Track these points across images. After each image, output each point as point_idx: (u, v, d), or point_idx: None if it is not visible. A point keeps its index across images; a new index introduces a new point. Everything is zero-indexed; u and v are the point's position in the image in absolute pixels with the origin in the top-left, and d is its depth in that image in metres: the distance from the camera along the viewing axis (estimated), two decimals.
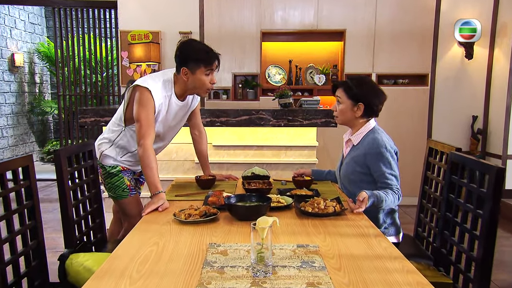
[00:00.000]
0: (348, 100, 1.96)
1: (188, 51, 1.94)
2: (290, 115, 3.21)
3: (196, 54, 1.91)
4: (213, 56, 1.93)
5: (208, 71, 1.93)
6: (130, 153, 2.13)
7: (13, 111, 6.47)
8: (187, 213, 1.60)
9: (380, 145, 1.87)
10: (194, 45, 1.98)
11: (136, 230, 1.52)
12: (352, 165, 1.95)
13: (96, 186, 2.12)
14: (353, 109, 1.96)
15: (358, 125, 2.00)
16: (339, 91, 2.00)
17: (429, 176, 2.15)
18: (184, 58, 1.93)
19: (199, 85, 1.97)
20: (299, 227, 1.55)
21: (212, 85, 1.99)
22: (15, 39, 6.44)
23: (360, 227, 1.55)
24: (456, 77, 4.40)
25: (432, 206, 2.07)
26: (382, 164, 1.86)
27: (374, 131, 1.97)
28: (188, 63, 1.92)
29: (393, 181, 1.85)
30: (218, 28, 4.47)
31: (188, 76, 1.95)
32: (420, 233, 2.18)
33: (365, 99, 1.94)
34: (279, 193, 1.99)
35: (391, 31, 4.39)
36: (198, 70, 1.92)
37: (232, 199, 1.73)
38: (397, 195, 1.81)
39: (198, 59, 1.91)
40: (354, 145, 2.01)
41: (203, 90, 2.00)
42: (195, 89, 2.00)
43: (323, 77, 4.63)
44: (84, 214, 1.98)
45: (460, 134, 4.45)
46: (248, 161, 3.41)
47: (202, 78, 1.94)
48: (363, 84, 1.97)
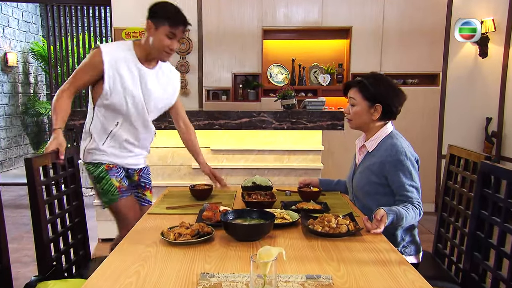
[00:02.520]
0: (364, 101, 1.74)
1: (159, 7, 1.85)
2: (293, 117, 3.02)
3: (166, 11, 1.82)
4: (181, 19, 1.82)
5: (171, 33, 1.81)
6: (110, 136, 1.93)
7: (6, 112, 6.26)
8: (177, 232, 1.38)
9: (399, 152, 1.65)
10: (168, 4, 1.88)
11: (116, 253, 1.30)
12: (367, 175, 1.72)
13: (78, 198, 1.89)
14: (369, 111, 1.74)
15: (373, 129, 1.78)
16: (353, 91, 1.78)
17: (451, 186, 1.92)
18: (152, 12, 1.84)
19: (157, 45, 1.84)
20: (308, 250, 1.32)
21: (169, 50, 1.85)
22: (8, 38, 6.23)
23: (379, 251, 1.32)
24: (469, 77, 4.16)
25: (455, 220, 1.84)
26: (402, 174, 1.63)
27: (392, 136, 1.74)
28: (155, 17, 1.82)
29: (413, 193, 1.62)
30: (217, 25, 4.25)
31: (151, 32, 1.84)
32: (440, 249, 1.94)
33: (384, 99, 1.71)
34: (283, 206, 1.76)
35: (400, 28, 4.16)
36: (161, 27, 1.81)
37: (230, 215, 1.50)
38: (418, 210, 1.58)
39: (165, 16, 1.80)
40: (369, 152, 1.78)
41: (161, 51, 1.86)
42: (153, 49, 1.86)
43: (328, 76, 4.41)
44: (63, 230, 1.75)
45: (473, 137, 4.22)
46: (249, 166, 3.22)
47: (162, 38, 1.82)
48: (381, 82, 1.74)
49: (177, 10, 1.84)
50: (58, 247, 1.70)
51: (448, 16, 4.11)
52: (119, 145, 1.95)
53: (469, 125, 4.22)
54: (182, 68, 4.29)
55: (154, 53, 1.87)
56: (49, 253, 1.59)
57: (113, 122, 1.92)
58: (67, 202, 1.82)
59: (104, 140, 1.93)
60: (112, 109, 1.89)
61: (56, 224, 1.69)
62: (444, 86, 4.20)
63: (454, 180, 1.90)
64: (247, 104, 4.28)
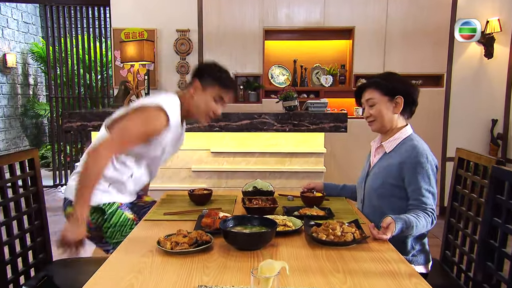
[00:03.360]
0: (383, 97, 1.69)
1: (211, 67, 1.74)
2: (295, 119, 2.95)
3: (218, 72, 1.71)
4: (233, 85, 1.74)
5: (219, 97, 1.70)
6: (120, 183, 1.75)
7: (5, 114, 6.20)
8: (173, 241, 1.31)
9: (420, 154, 1.59)
10: (220, 66, 1.76)
11: (108, 264, 1.23)
12: (383, 176, 1.65)
13: (41, 216, 1.80)
14: (391, 106, 1.69)
15: (393, 130, 1.72)
16: (369, 91, 1.72)
17: (459, 191, 1.84)
18: (202, 71, 1.72)
19: (203, 107, 1.71)
20: (311, 260, 1.25)
21: (214, 114, 1.74)
22: (7, 39, 6.18)
23: (387, 261, 1.25)
24: (474, 78, 4.09)
25: (464, 226, 1.77)
26: (420, 177, 1.57)
27: (412, 138, 1.68)
28: (204, 77, 1.70)
29: (429, 199, 1.55)
30: (218, 26, 4.19)
31: (197, 92, 1.70)
32: (448, 257, 1.87)
33: (402, 89, 1.68)
34: (285, 212, 1.69)
35: (404, 28, 4.10)
36: (210, 88, 1.69)
37: (229, 222, 1.43)
38: (430, 218, 1.51)
39: (217, 78, 1.69)
40: (386, 152, 1.71)
41: (205, 114, 1.73)
42: (197, 111, 1.73)
43: (330, 78, 4.34)
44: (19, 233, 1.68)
45: (478, 139, 4.14)
46: (250, 169, 3.15)
47: (210, 100, 1.70)
48: (393, 76, 1.73)
49: (229, 74, 1.74)
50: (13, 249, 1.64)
51: (452, 15, 4.04)
52: (127, 188, 1.80)
53: (474, 127, 4.15)
54: (182, 69, 4.23)
55: (197, 115, 1.75)
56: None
57: (127, 173, 1.73)
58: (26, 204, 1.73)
59: (109, 184, 1.74)
60: (135, 160, 1.72)
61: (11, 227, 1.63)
62: (449, 87, 4.12)
63: (463, 185, 1.83)
64: (248, 106, 4.22)
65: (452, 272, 1.80)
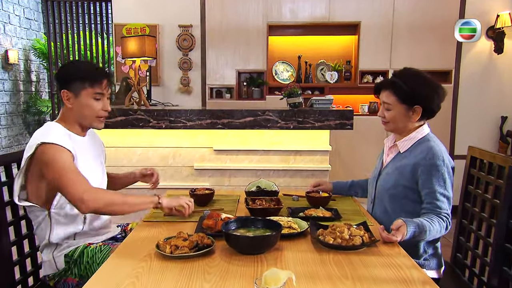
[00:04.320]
0: (400, 105, 1.56)
1: (70, 69, 1.57)
2: (300, 116, 2.88)
3: (80, 72, 1.52)
4: (102, 73, 1.54)
5: (97, 94, 1.52)
6: (80, 232, 1.56)
7: (7, 110, 6.16)
8: (173, 245, 1.25)
9: (436, 156, 1.50)
10: (78, 63, 1.63)
11: (104, 269, 1.17)
12: (396, 177, 1.57)
13: None
14: (407, 114, 1.57)
15: (409, 130, 1.62)
16: (386, 94, 1.59)
17: (472, 191, 1.77)
18: (64, 77, 1.53)
19: (88, 112, 1.52)
20: (318, 265, 1.18)
21: (105, 112, 1.56)
22: (9, 35, 6.12)
23: (399, 267, 1.18)
24: (483, 74, 3.99)
25: (477, 229, 1.70)
26: (435, 180, 1.48)
27: (428, 138, 1.59)
28: (70, 83, 1.51)
29: (443, 203, 1.47)
30: (221, 21, 4.11)
31: (71, 101, 1.52)
32: (460, 259, 1.80)
33: (423, 99, 1.54)
34: (290, 213, 1.63)
35: (411, 22, 3.99)
36: (83, 92, 1.51)
37: (232, 224, 1.36)
38: (445, 223, 1.43)
39: (82, 77, 1.50)
40: (400, 152, 1.62)
41: (94, 118, 1.55)
42: (85, 119, 1.55)
43: (336, 74, 4.26)
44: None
45: (487, 136, 4.05)
46: (253, 167, 3.08)
47: (89, 103, 1.52)
48: (417, 80, 1.55)
49: (92, 64, 1.56)
50: None
51: (461, 9, 3.93)
52: (94, 228, 1.62)
53: (483, 124, 4.05)
54: (185, 65, 4.16)
55: (87, 122, 1.56)
56: None
57: (80, 219, 1.55)
58: None
59: (74, 238, 1.57)
60: None
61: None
62: (457, 84, 4.02)
63: (475, 185, 1.75)
64: (251, 103, 4.15)
65: (463, 275, 1.73)
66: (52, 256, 1.53)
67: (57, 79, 1.55)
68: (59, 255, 1.52)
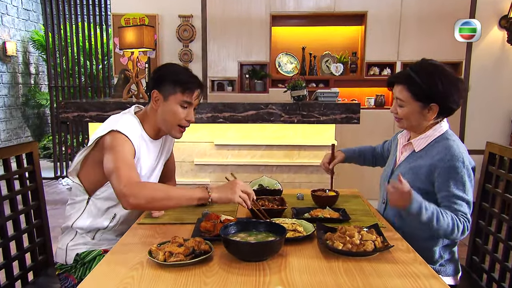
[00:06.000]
0: (415, 102, 1.41)
1: (165, 71, 1.51)
2: (304, 110, 2.77)
3: (175, 75, 1.47)
4: (196, 83, 1.49)
5: (185, 102, 1.47)
6: (104, 229, 1.52)
7: (6, 103, 6.07)
8: (167, 251, 1.14)
9: (455, 157, 1.36)
10: (175, 66, 1.55)
11: (90, 279, 1.06)
12: (410, 178, 1.42)
13: (41, 216, 1.67)
14: (422, 112, 1.43)
15: (425, 128, 1.48)
16: (399, 89, 1.44)
17: (490, 190, 1.65)
18: (158, 78, 1.49)
19: (170, 118, 1.48)
20: (327, 275, 1.07)
21: (187, 122, 1.50)
22: (6, 26, 6.01)
23: (416, 276, 1.06)
24: (495, 65, 3.86)
25: (497, 231, 1.58)
26: (453, 184, 1.35)
27: (446, 136, 1.44)
28: (162, 85, 1.47)
29: (462, 207, 1.35)
30: (222, 11, 3.98)
31: (158, 103, 1.48)
32: (476, 263, 1.68)
33: (440, 97, 1.38)
34: (294, 214, 1.51)
35: (420, 12, 3.86)
36: (172, 97, 1.46)
37: (231, 228, 1.25)
38: (462, 225, 1.31)
39: (175, 81, 1.46)
40: (415, 151, 1.49)
41: (174, 126, 1.50)
42: (166, 125, 1.50)
43: (341, 66, 4.13)
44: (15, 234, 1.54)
45: (498, 130, 3.92)
46: (256, 162, 2.98)
47: (175, 109, 1.47)
48: (435, 76, 1.38)
49: (188, 71, 1.52)
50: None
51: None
52: (114, 234, 1.56)
53: (493, 117, 3.94)
54: (185, 57, 4.04)
55: (166, 128, 1.52)
56: None
57: (109, 215, 1.51)
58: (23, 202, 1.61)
59: (95, 234, 1.53)
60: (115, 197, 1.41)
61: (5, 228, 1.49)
62: (468, 75, 3.90)
63: (494, 184, 1.63)
64: (254, 96, 4.05)
65: (481, 280, 1.62)
66: (66, 247, 1.49)
67: (152, 78, 1.52)
68: (72, 248, 1.49)
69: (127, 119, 1.48)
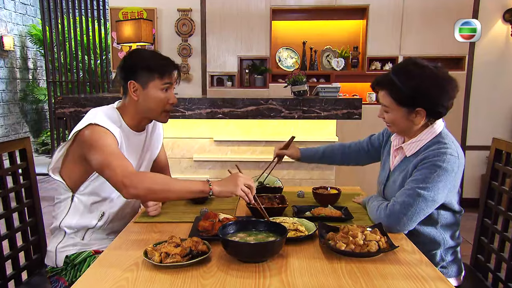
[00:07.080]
0: (400, 108, 1.33)
1: (136, 59, 1.46)
2: (305, 105, 2.72)
3: (147, 61, 1.43)
4: (171, 64, 1.45)
5: (165, 84, 1.43)
6: (92, 228, 1.48)
7: (3, 99, 6.02)
8: (163, 252, 1.09)
9: (441, 159, 1.28)
10: (144, 52, 1.51)
11: (83, 281, 1.02)
12: (401, 185, 1.37)
13: (35, 214, 1.63)
14: (409, 118, 1.34)
15: (417, 131, 1.40)
16: (382, 95, 1.37)
17: (496, 188, 1.60)
18: (131, 68, 1.43)
19: (154, 105, 1.44)
20: (329, 277, 1.03)
21: (171, 105, 1.47)
22: (4, 20, 5.95)
23: (422, 278, 1.02)
24: (498, 60, 3.79)
25: (503, 229, 1.54)
26: (419, 174, 1.30)
27: (439, 140, 1.35)
28: (137, 74, 1.42)
29: (409, 198, 1.28)
30: (222, 5, 3.92)
31: (138, 94, 1.43)
32: (481, 262, 1.64)
33: (426, 100, 1.30)
34: (295, 213, 1.47)
35: (422, 6, 3.78)
36: (151, 83, 1.42)
37: (230, 227, 1.21)
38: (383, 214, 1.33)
39: (150, 67, 1.41)
40: (407, 156, 1.41)
41: (159, 112, 1.46)
42: (149, 112, 1.47)
43: (342, 61, 4.07)
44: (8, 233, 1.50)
45: (501, 126, 3.86)
46: (255, 158, 2.93)
47: (157, 95, 1.43)
48: (418, 78, 1.29)
49: (160, 55, 1.46)
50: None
51: None
52: (105, 232, 1.53)
53: (497, 114, 3.88)
54: (184, 51, 3.98)
55: (151, 116, 1.49)
56: None
57: (96, 213, 1.48)
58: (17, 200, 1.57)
59: (84, 235, 1.49)
60: (100, 192, 1.45)
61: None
62: (470, 71, 3.84)
63: (501, 182, 1.59)
64: (254, 91, 3.99)
65: (486, 280, 1.58)
66: (56, 249, 1.46)
67: (123, 70, 1.45)
68: (62, 251, 1.45)
69: (105, 111, 1.44)
